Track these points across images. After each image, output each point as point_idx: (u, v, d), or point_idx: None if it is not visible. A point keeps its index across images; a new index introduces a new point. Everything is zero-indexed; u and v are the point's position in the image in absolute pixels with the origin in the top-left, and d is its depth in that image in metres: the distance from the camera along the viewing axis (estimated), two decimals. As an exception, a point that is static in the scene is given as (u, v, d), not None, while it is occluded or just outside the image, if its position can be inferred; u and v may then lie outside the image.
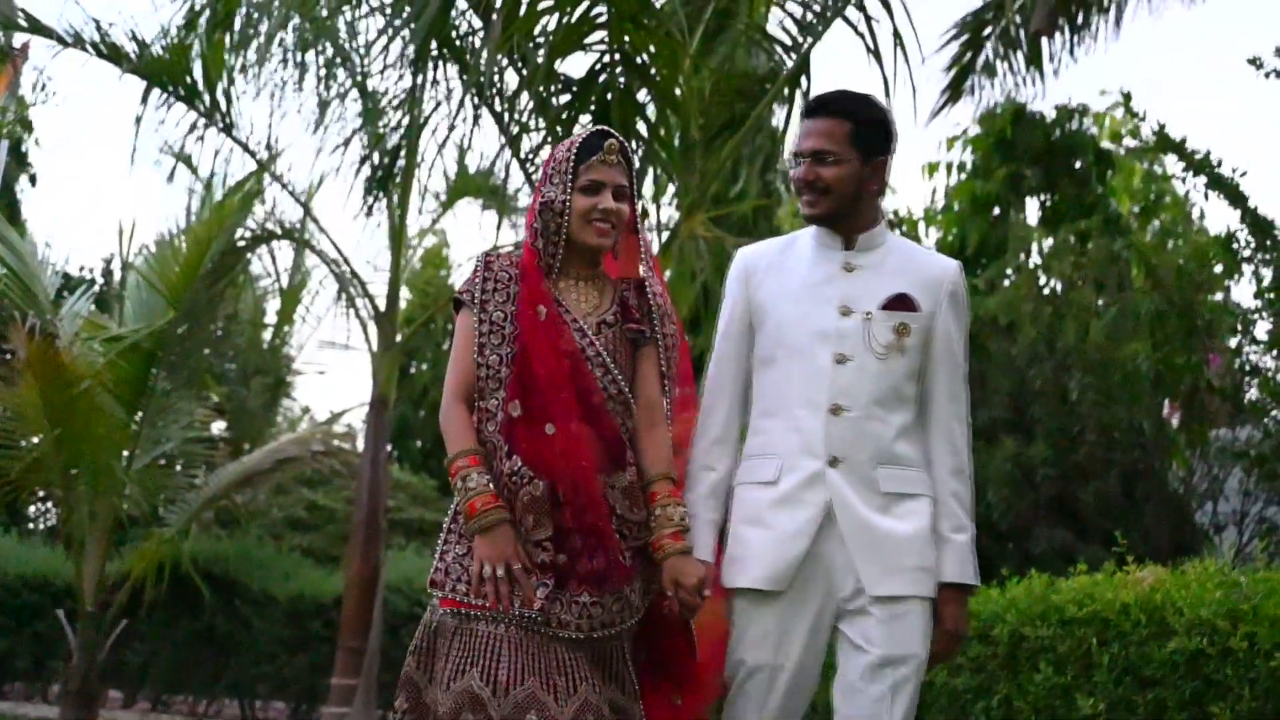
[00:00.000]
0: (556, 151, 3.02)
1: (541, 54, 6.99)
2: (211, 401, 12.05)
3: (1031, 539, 6.73)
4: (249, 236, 9.59)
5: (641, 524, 2.92)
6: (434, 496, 13.73)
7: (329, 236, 9.91)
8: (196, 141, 9.05)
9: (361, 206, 8.55)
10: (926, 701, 4.53)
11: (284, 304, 13.88)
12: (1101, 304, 7.54)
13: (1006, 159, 10.20)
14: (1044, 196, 10.37)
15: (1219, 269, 7.43)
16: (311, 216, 9.86)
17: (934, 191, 11.07)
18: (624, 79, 7.10)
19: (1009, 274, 8.68)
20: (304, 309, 14.04)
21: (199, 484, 10.20)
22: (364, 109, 8.29)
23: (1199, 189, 6.44)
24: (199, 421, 10.14)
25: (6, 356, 9.76)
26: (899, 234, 3.24)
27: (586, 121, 7.19)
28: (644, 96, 7.29)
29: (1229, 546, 6.90)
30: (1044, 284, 8.17)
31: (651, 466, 2.95)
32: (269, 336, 14.34)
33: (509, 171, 8.12)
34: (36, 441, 8.72)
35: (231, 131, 9.05)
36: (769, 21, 7.75)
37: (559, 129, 7.19)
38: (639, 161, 7.06)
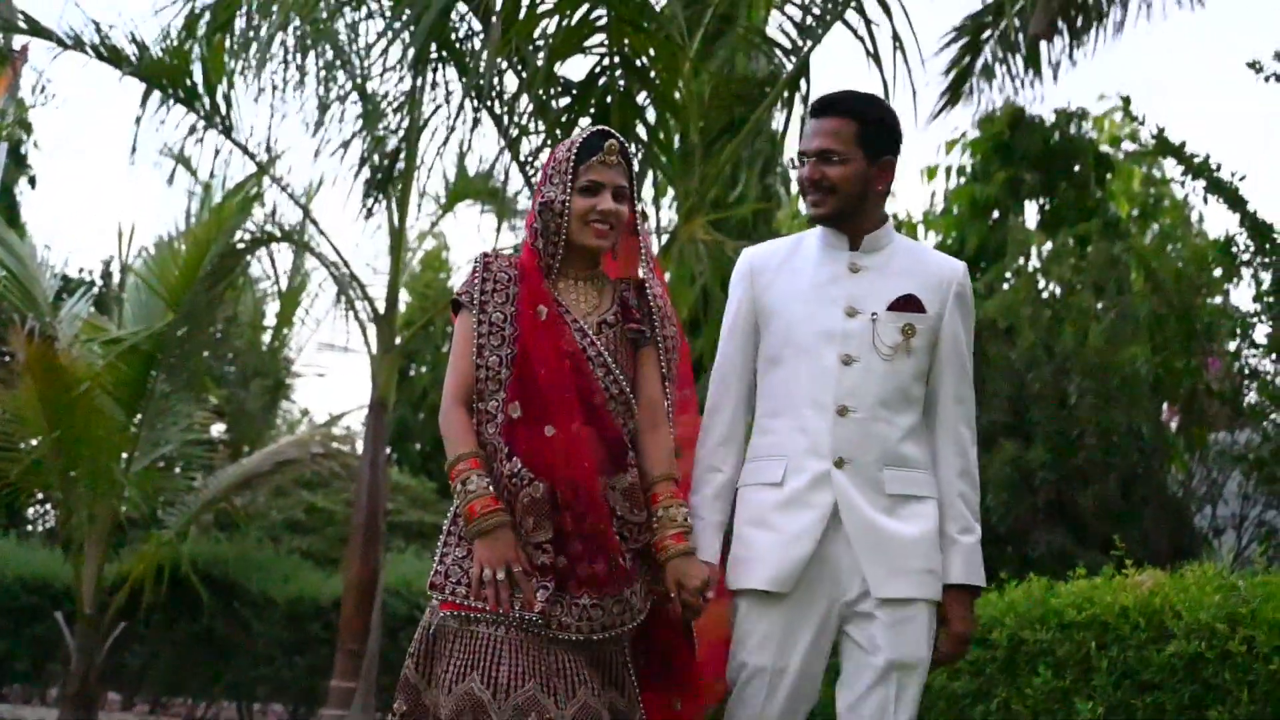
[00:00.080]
0: (557, 152, 3.01)
1: (541, 57, 6.99)
2: (211, 404, 12.08)
3: (1030, 542, 6.72)
4: (248, 239, 9.59)
5: (642, 526, 2.90)
6: (433, 499, 13.72)
7: (328, 239, 9.89)
8: (196, 144, 9.06)
9: (361, 209, 8.56)
10: (925, 704, 4.52)
11: (283, 306, 13.88)
12: (1100, 307, 7.53)
13: (1006, 163, 10.19)
14: (1043, 200, 10.37)
15: (1218, 273, 7.43)
16: (311, 219, 9.86)
17: (933, 195, 11.07)
18: (624, 82, 7.10)
19: (1008, 277, 8.67)
20: (303, 311, 14.04)
21: (198, 486, 10.21)
22: (364, 111, 8.29)
23: (1198, 193, 6.44)
24: (198, 424, 10.16)
25: (6, 358, 9.76)
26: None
27: (586, 124, 7.19)
28: (643, 100, 7.29)
29: (1228, 550, 6.90)
30: (1043, 288, 8.16)
31: (654, 467, 2.93)
32: (268, 339, 14.33)
33: (508, 174, 8.13)
34: (35, 443, 8.72)
35: (231, 134, 9.05)
36: (768, 25, 7.75)
37: (559, 132, 7.19)
38: (638, 165, 7.05)
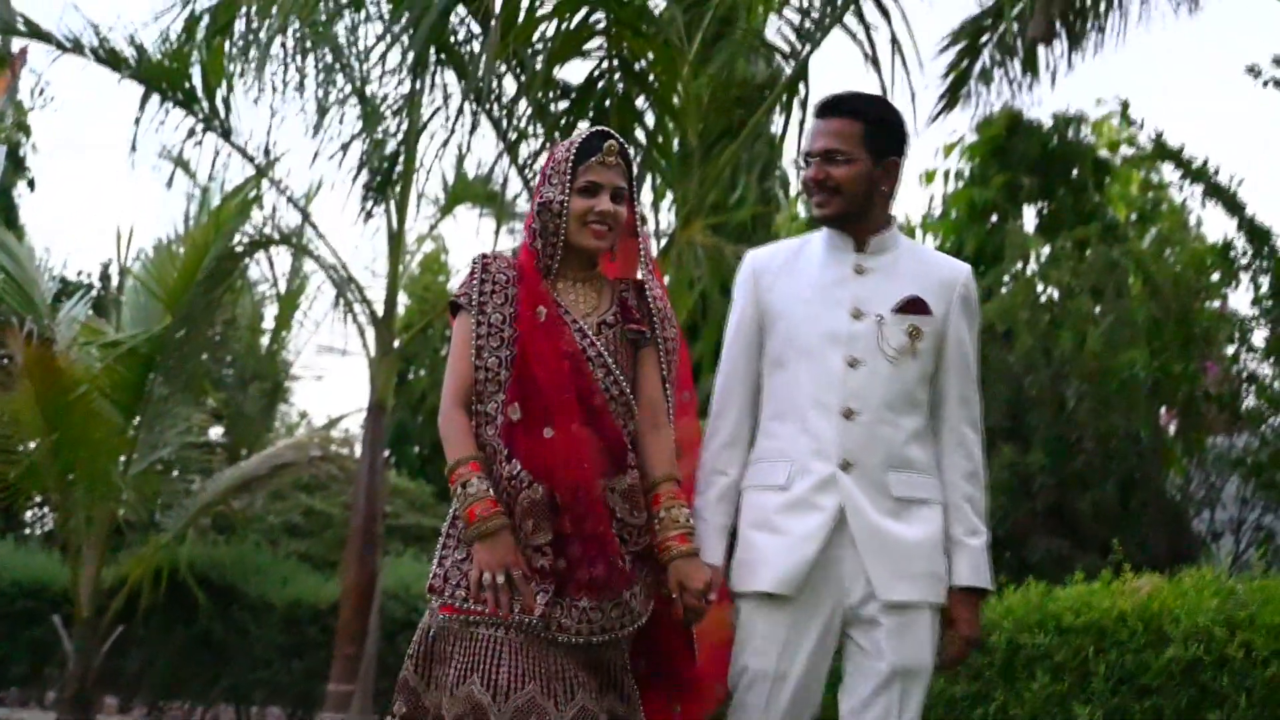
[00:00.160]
0: (556, 152, 2.99)
1: (540, 60, 6.99)
2: (209, 407, 12.09)
3: (1028, 547, 6.72)
4: (247, 242, 9.58)
5: (642, 528, 2.87)
6: (431, 502, 13.71)
7: (327, 242, 9.90)
8: (195, 147, 9.08)
9: (360, 212, 8.55)
10: (924, 709, 4.51)
11: (282, 309, 13.87)
12: (1098, 312, 7.53)
13: (1004, 167, 10.20)
14: (1041, 204, 10.38)
15: (1216, 277, 7.43)
16: (310, 222, 9.85)
17: (931, 199, 11.08)
18: (622, 86, 7.11)
19: (1006, 281, 8.67)
20: (302, 314, 14.02)
21: (196, 489, 10.22)
22: (363, 114, 8.29)
23: (1196, 197, 6.46)
24: (196, 427, 10.18)
25: (3, 361, 9.75)
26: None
27: (585, 128, 7.18)
28: (642, 103, 7.29)
29: (1226, 555, 6.89)
30: (1041, 292, 8.16)
31: (655, 468, 2.91)
32: (267, 342, 14.33)
33: (507, 178, 8.12)
34: (33, 446, 8.73)
35: (230, 137, 9.06)
36: (767, 29, 7.75)
37: (557, 135, 7.19)
38: (637, 168, 7.04)
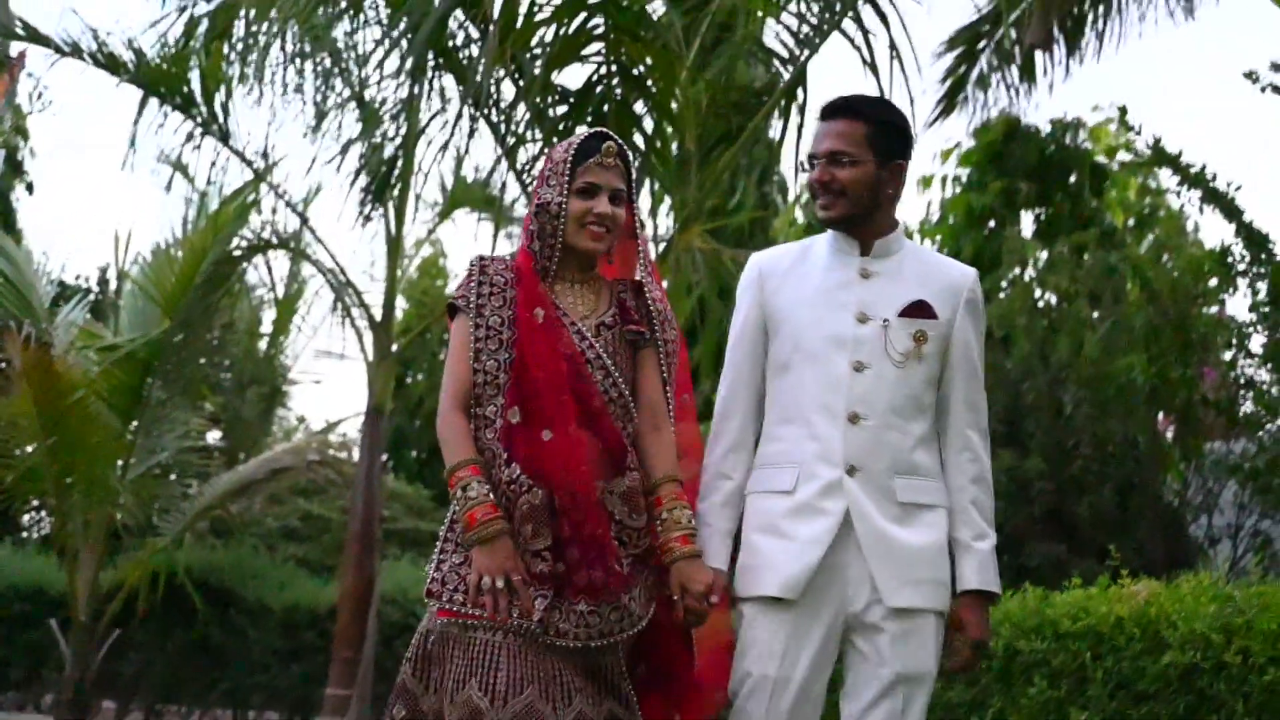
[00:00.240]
0: (554, 153, 2.98)
1: (539, 65, 7.00)
2: (207, 411, 12.08)
3: (1026, 552, 6.72)
4: (245, 246, 9.59)
5: (642, 530, 2.86)
6: (429, 507, 13.72)
7: (325, 246, 9.91)
8: (193, 151, 9.09)
9: (358, 216, 8.55)
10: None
11: (280, 313, 13.87)
12: (1096, 317, 7.53)
13: (1001, 172, 10.21)
14: (1039, 210, 10.39)
15: (1214, 282, 7.43)
16: (308, 226, 9.87)
17: (929, 204, 11.08)
18: (621, 91, 7.11)
19: (1004, 287, 8.68)
20: (300, 318, 14.01)
21: (194, 494, 10.22)
22: (361, 118, 8.30)
23: (1194, 202, 6.45)
24: (194, 431, 10.17)
25: (1, 365, 9.75)
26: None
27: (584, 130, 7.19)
28: (641, 108, 7.30)
29: (1223, 560, 6.89)
30: (1039, 297, 8.17)
31: (657, 469, 2.89)
32: (265, 346, 14.34)
33: (506, 182, 8.13)
34: (31, 450, 8.73)
35: (228, 141, 9.07)
36: (766, 34, 7.76)
37: (556, 140, 7.19)
38: (635, 173, 7.06)
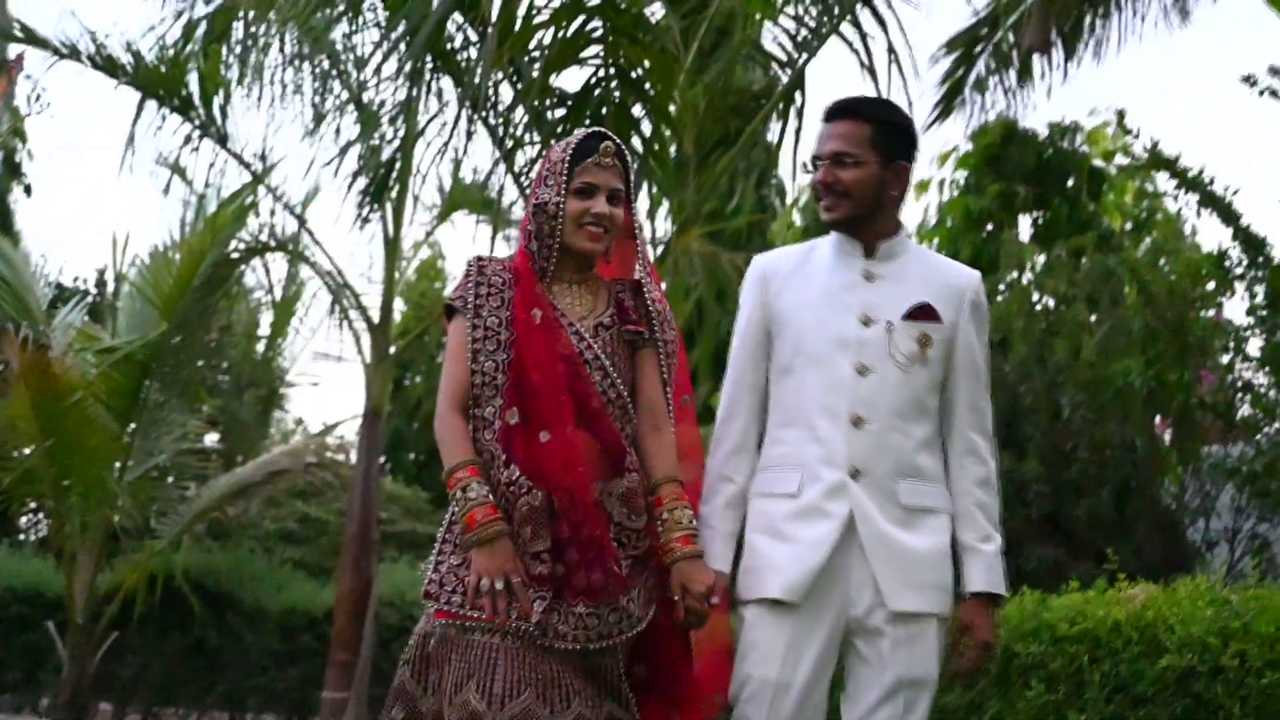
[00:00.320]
0: (552, 152, 2.97)
1: (537, 68, 7.00)
2: (204, 413, 12.07)
3: (1023, 556, 6.71)
4: (243, 248, 9.60)
5: (642, 531, 2.85)
6: (427, 509, 13.71)
7: (323, 248, 9.93)
8: (191, 153, 9.10)
9: (356, 218, 8.55)
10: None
11: (277, 316, 13.88)
12: (1094, 321, 7.54)
13: (999, 176, 10.22)
14: (1036, 213, 10.39)
15: (1211, 286, 7.44)
16: (306, 228, 9.87)
17: (926, 208, 11.09)
18: (619, 94, 7.11)
19: (1001, 290, 8.68)
20: (298, 321, 14.03)
21: (191, 496, 10.21)
22: (359, 121, 8.30)
23: (1191, 206, 6.47)
24: (192, 433, 10.16)
25: (-1, 367, 9.75)
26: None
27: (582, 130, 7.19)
28: (639, 111, 7.30)
29: (1221, 564, 6.89)
30: (1036, 301, 8.17)
31: (657, 469, 2.88)
32: (262, 348, 14.33)
33: (504, 185, 8.13)
34: (28, 452, 8.72)
35: (226, 143, 9.07)
36: (764, 37, 7.77)
37: (553, 143, 7.19)
38: (633, 176, 7.06)
